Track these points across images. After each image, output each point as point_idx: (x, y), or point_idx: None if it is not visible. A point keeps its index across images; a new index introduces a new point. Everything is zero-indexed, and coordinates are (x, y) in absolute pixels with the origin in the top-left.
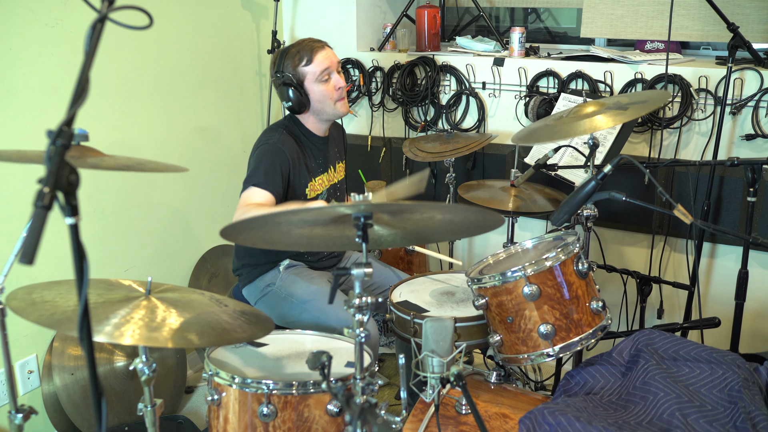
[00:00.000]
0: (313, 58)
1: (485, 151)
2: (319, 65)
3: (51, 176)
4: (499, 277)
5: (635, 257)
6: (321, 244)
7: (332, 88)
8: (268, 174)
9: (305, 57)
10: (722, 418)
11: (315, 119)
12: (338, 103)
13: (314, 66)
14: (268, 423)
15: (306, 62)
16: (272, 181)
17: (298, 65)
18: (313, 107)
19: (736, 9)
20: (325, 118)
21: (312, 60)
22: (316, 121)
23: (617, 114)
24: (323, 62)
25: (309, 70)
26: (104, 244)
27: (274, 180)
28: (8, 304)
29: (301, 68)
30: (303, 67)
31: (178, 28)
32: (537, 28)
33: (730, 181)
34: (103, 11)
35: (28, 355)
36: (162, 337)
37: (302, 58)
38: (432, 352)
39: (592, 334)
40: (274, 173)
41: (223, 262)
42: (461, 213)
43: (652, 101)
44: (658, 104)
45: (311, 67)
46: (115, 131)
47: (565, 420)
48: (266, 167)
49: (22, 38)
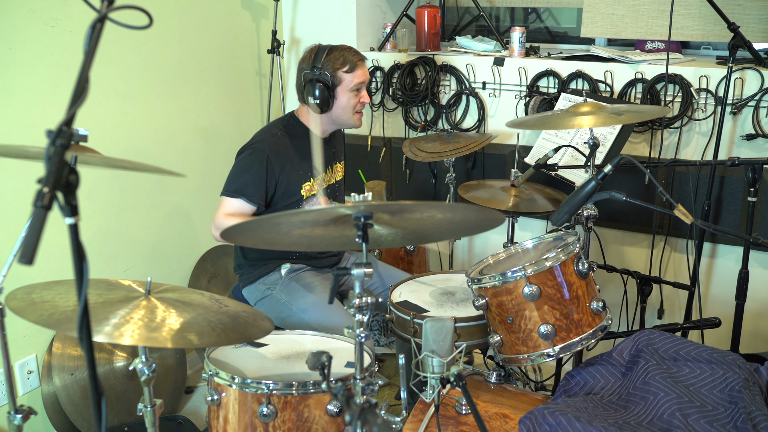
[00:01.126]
0: (356, 68)
1: (485, 151)
2: (358, 78)
3: (51, 176)
4: (500, 277)
5: (635, 257)
6: (321, 245)
7: (358, 102)
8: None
9: (348, 65)
10: (723, 419)
11: (326, 121)
12: (356, 115)
13: (353, 76)
14: (268, 423)
15: (348, 69)
16: (251, 187)
17: (339, 69)
18: (333, 111)
19: (736, 9)
20: (338, 124)
21: (354, 70)
22: (327, 123)
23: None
24: (361, 76)
25: (347, 77)
26: (104, 244)
27: (253, 186)
28: (8, 304)
29: (341, 73)
30: (344, 72)
31: (178, 28)
32: (537, 28)
33: (731, 181)
34: (103, 11)
35: (27, 355)
36: (162, 337)
37: (345, 64)
38: (432, 352)
39: (593, 334)
40: (253, 178)
41: (222, 262)
42: (461, 212)
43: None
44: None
45: (351, 76)
46: (115, 131)
47: (566, 420)
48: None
49: (21, 38)
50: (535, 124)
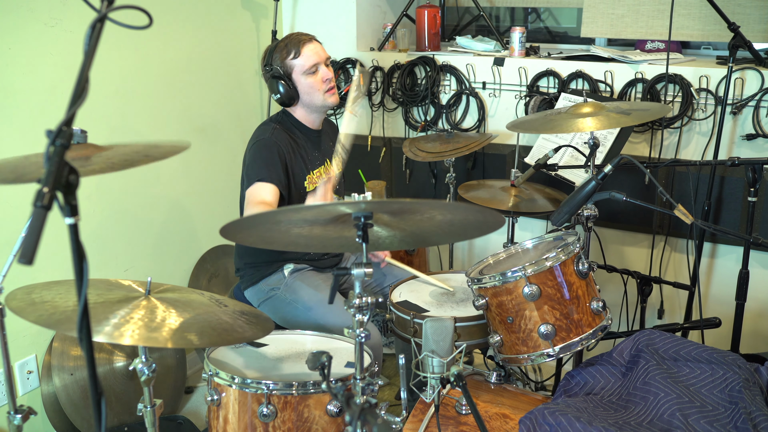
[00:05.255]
0: (300, 51)
1: (485, 151)
2: (307, 59)
3: (50, 176)
4: (500, 277)
5: (635, 257)
6: (319, 245)
7: (320, 80)
8: (269, 166)
9: (293, 50)
10: (723, 419)
11: (305, 111)
12: (326, 93)
13: (302, 59)
14: (268, 423)
15: (294, 55)
16: (275, 172)
17: (286, 58)
18: (302, 99)
19: (736, 9)
20: (314, 109)
21: (300, 53)
22: (307, 113)
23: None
24: (311, 56)
25: (297, 62)
26: (104, 244)
27: (276, 171)
28: (8, 304)
29: (288, 61)
30: (291, 60)
31: (178, 28)
32: (537, 28)
33: (731, 181)
34: (103, 11)
35: (27, 355)
36: (162, 337)
37: (290, 51)
38: (432, 352)
39: (593, 334)
40: (274, 165)
41: (222, 262)
42: (461, 213)
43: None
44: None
45: (299, 59)
46: (115, 131)
47: (566, 420)
48: (266, 160)
49: (21, 38)
50: (537, 128)
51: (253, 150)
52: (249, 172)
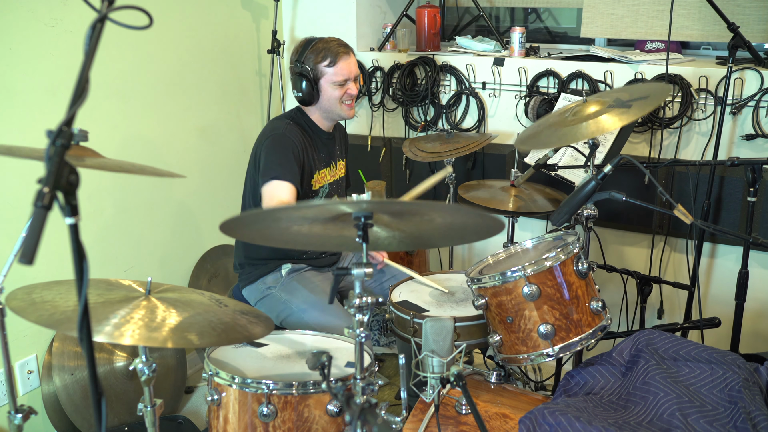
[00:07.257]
0: (336, 61)
1: (485, 151)
2: (339, 72)
3: (51, 176)
4: (499, 277)
5: (635, 257)
6: (318, 244)
7: (344, 93)
8: (284, 164)
9: (329, 58)
10: (722, 419)
11: (321, 115)
12: (345, 106)
13: (334, 70)
14: (268, 423)
15: (328, 63)
16: (290, 170)
17: (319, 63)
18: (321, 104)
19: (736, 9)
20: (330, 116)
21: (335, 63)
22: (322, 117)
23: (622, 113)
24: (344, 70)
25: (329, 71)
26: (104, 244)
27: (291, 169)
28: (8, 304)
29: (321, 66)
30: (324, 66)
31: (178, 28)
32: (537, 28)
33: (731, 181)
34: (103, 11)
35: (27, 355)
36: (162, 337)
37: (326, 58)
38: (432, 352)
39: (592, 334)
40: (289, 162)
41: (223, 262)
42: (461, 216)
43: (653, 96)
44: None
45: (331, 69)
46: (115, 131)
47: (565, 420)
48: (281, 158)
49: (22, 38)
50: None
51: (268, 146)
52: (265, 169)
